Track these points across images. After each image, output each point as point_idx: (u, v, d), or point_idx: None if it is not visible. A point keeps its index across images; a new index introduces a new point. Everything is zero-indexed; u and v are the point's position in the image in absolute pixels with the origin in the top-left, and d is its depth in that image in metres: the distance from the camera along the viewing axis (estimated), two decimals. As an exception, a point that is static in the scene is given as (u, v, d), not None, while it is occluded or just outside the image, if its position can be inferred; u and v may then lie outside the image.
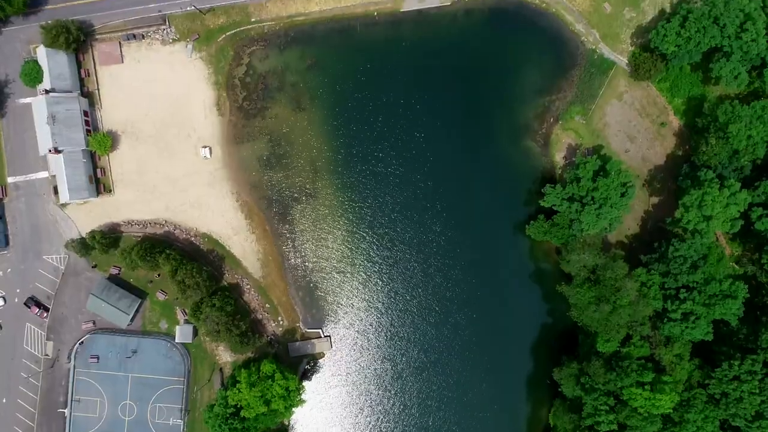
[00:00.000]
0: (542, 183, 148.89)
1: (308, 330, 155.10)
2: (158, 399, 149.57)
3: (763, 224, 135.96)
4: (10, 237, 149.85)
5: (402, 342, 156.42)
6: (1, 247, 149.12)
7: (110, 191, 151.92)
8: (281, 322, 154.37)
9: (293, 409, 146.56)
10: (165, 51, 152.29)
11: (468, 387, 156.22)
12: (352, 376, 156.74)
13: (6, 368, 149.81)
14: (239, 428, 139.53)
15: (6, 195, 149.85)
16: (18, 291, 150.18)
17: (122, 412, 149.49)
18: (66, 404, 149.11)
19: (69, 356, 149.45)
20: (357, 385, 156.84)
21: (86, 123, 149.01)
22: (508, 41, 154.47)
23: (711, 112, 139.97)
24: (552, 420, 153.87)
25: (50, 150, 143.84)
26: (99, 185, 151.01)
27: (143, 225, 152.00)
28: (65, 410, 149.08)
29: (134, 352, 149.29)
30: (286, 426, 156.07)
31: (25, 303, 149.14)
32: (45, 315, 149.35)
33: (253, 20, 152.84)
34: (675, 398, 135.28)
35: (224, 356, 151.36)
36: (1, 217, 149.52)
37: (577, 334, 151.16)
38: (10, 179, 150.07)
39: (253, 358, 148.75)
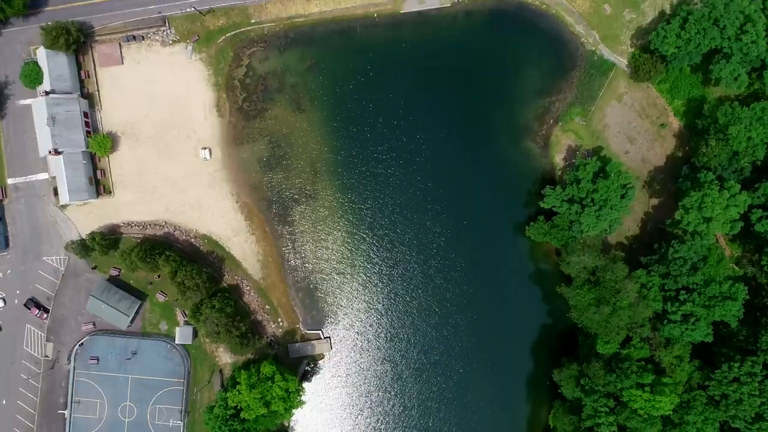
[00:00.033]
0: (542, 184, 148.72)
1: (308, 331, 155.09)
2: (158, 400, 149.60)
3: (763, 226, 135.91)
4: (10, 238, 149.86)
5: (402, 343, 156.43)
6: (1, 249, 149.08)
7: (110, 193, 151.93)
8: (281, 324, 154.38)
9: (293, 411, 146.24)
10: (165, 52, 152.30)
11: (468, 388, 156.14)
12: (352, 378, 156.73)
13: (6, 370, 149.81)
14: (239, 430, 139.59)
15: (6, 196, 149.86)
16: (18, 292, 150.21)
17: (122, 414, 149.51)
18: (66, 406, 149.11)
19: (69, 358, 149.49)
20: (357, 387, 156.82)
21: (86, 124, 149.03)
22: (508, 43, 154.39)
23: (711, 114, 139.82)
24: (552, 421, 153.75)
25: (50, 151, 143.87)
26: (99, 187, 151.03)
27: (143, 226, 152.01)
28: (65, 412, 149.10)
29: (134, 354, 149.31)
30: (286, 427, 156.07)
31: (25, 304, 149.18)
32: (45, 316, 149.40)
33: (253, 22, 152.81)
34: (675, 400, 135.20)
35: (224, 357, 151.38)
36: (1, 219, 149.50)
37: (577, 336, 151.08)
38: (10, 180, 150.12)
39: (253, 360, 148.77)
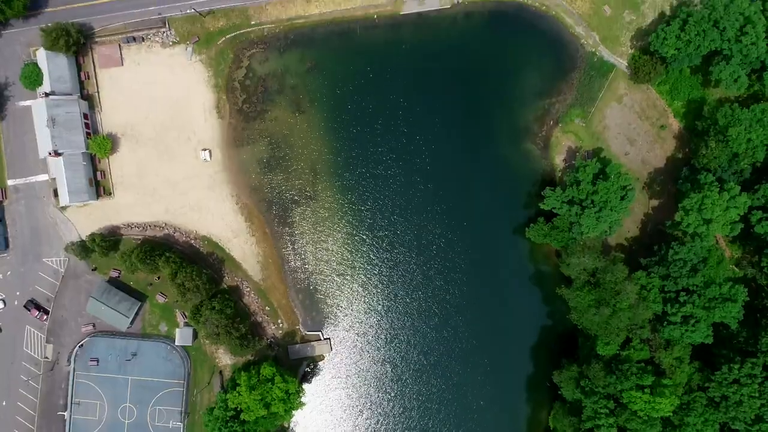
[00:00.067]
0: (542, 186, 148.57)
1: (308, 332, 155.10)
2: (158, 402, 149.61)
3: (763, 227, 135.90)
4: (10, 240, 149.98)
5: (402, 344, 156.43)
6: (1, 250, 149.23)
7: (110, 194, 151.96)
8: (281, 325, 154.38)
9: (293, 412, 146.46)
10: (165, 54, 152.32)
11: (468, 389, 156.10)
12: (352, 379, 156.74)
13: (6, 371, 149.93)
14: (239, 431, 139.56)
15: (6, 198, 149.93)
16: (18, 294, 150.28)
17: (122, 415, 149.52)
18: (66, 407, 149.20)
19: (69, 359, 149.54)
20: (357, 388, 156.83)
21: (86, 126, 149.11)
22: (508, 44, 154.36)
23: (711, 116, 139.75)
24: (552, 422, 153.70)
25: (50, 153, 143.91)
26: (99, 188, 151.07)
27: (143, 228, 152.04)
28: (65, 413, 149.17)
29: (134, 355, 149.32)
30: (286, 429, 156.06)
31: (25, 306, 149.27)
32: (45, 318, 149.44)
33: (253, 23, 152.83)
34: (675, 401, 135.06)
35: (224, 359, 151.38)
36: (1, 220, 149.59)
37: (577, 337, 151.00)
38: (10, 182, 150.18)
39: (253, 361, 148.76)
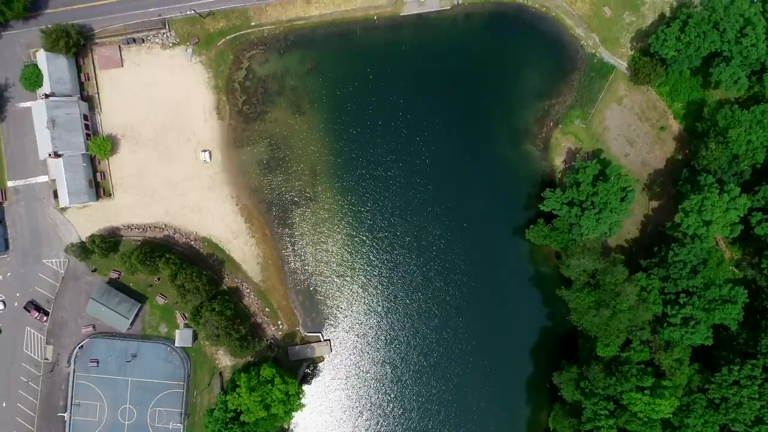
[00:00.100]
0: (542, 187, 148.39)
1: (308, 334, 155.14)
2: (158, 403, 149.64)
3: (763, 229, 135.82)
4: (10, 241, 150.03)
5: (402, 345, 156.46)
6: (1, 251, 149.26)
7: (110, 195, 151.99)
8: (281, 326, 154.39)
9: (293, 414, 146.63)
10: (165, 55, 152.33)
11: (468, 390, 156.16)
12: (352, 380, 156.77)
13: (6, 372, 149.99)
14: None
15: (6, 199, 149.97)
16: (18, 295, 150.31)
17: (122, 416, 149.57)
18: (66, 408, 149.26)
19: (69, 360, 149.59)
20: (357, 389, 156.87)
21: (86, 127, 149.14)
22: (508, 45, 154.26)
23: (711, 117, 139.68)
24: (552, 424, 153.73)
25: (50, 154, 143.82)
26: (99, 189, 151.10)
27: (143, 229, 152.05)
28: (65, 414, 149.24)
29: (134, 356, 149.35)
30: (286, 430, 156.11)
31: (25, 307, 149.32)
32: (45, 319, 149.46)
33: (253, 24, 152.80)
34: (675, 403, 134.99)
35: (224, 360, 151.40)
36: (1, 221, 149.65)
37: (577, 339, 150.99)
38: (10, 183, 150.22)
39: (253, 362, 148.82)
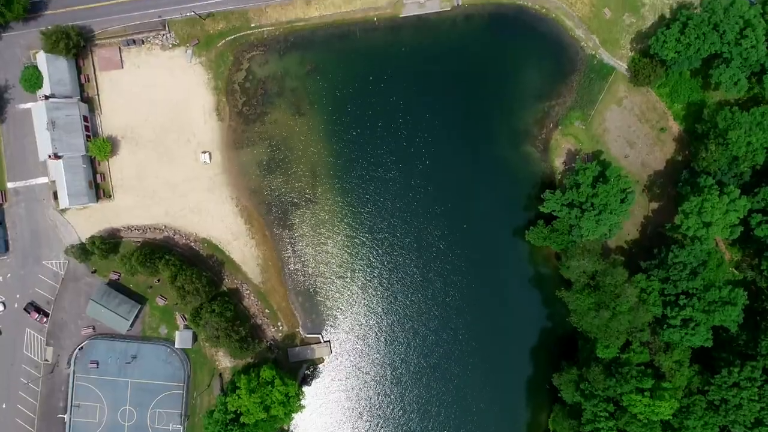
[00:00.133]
0: (542, 188, 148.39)
1: (308, 335, 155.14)
2: (158, 404, 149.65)
3: (763, 230, 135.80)
4: (10, 242, 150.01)
5: (402, 347, 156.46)
6: (1, 253, 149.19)
7: (110, 196, 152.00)
8: (281, 328, 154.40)
9: (293, 415, 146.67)
10: (165, 56, 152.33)
11: (468, 391, 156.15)
12: (352, 381, 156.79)
13: (6, 373, 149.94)
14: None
15: (6, 200, 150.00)
16: (18, 296, 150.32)
17: (122, 418, 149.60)
18: (66, 410, 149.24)
19: (69, 361, 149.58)
20: (357, 390, 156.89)
21: (86, 128, 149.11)
22: (508, 46, 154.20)
23: (710, 119, 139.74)
24: (551, 425, 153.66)
25: (50, 155, 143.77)
26: (99, 190, 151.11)
27: (143, 230, 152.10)
28: (65, 416, 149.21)
29: (134, 358, 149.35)
30: (286, 431, 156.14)
31: (25, 308, 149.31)
32: (45, 320, 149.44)
33: (253, 25, 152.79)
34: (674, 405, 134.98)
35: (224, 362, 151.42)
36: (1, 223, 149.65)
37: (577, 340, 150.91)
38: (10, 184, 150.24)
39: (253, 364, 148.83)
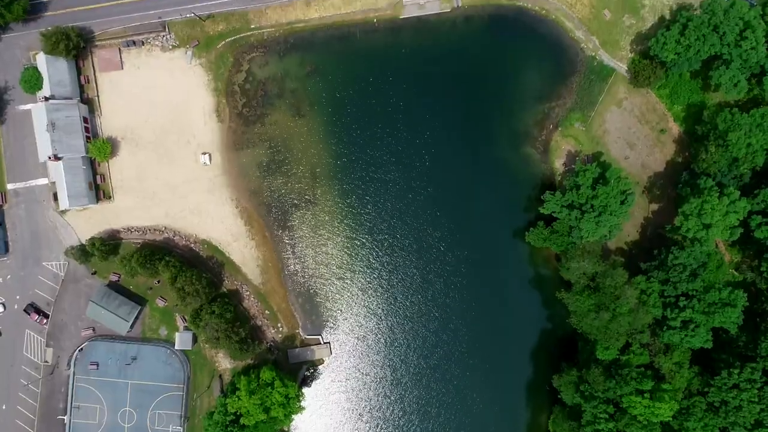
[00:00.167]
0: (542, 190, 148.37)
1: (308, 336, 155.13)
2: (158, 406, 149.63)
3: (763, 232, 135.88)
4: (10, 243, 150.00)
5: (401, 348, 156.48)
6: (1, 254, 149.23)
7: (110, 198, 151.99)
8: (281, 329, 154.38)
9: (293, 416, 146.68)
10: (165, 57, 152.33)
11: (468, 393, 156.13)
12: (352, 383, 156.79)
13: (6, 375, 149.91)
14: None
15: (6, 201, 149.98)
16: (18, 298, 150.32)
17: (122, 419, 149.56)
18: (65, 411, 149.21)
19: (68, 363, 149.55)
20: (356, 392, 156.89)
21: (86, 130, 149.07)
22: (508, 48, 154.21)
23: (710, 120, 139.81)
24: (551, 427, 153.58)
25: (50, 157, 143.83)
26: (99, 192, 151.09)
27: (143, 232, 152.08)
28: (65, 417, 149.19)
29: (134, 359, 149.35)
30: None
31: (25, 310, 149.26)
32: (45, 322, 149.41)
33: (253, 27, 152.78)
34: (674, 406, 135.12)
35: (224, 363, 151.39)
36: (1, 224, 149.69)
37: (577, 341, 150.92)
38: (10, 186, 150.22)
39: (253, 365, 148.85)
